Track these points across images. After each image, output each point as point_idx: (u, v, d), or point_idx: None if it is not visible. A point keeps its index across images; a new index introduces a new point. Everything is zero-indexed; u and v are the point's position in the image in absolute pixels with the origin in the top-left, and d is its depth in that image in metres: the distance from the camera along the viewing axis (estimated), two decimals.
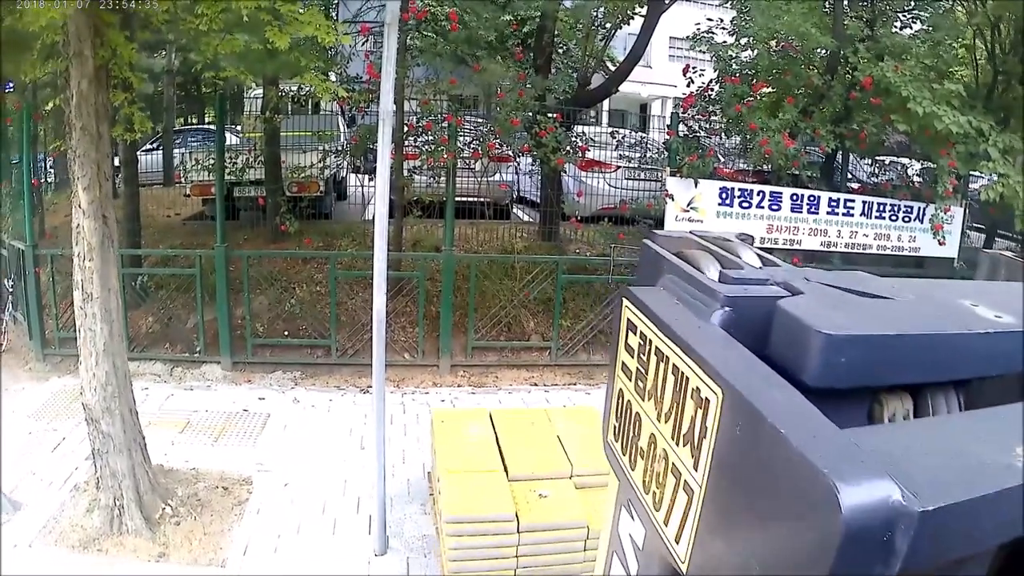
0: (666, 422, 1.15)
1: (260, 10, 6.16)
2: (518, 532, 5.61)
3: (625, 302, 1.31)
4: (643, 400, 1.23)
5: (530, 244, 13.24)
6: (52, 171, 15.00)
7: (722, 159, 12.23)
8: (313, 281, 11.81)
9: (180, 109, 20.19)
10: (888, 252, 11.92)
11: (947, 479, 0.82)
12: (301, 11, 6.45)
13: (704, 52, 14.21)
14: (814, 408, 0.93)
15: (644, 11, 14.21)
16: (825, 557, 0.77)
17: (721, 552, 1.00)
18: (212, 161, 11.80)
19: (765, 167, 12.18)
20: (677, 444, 1.12)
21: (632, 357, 1.27)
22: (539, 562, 5.71)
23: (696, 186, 11.06)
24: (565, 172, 13.01)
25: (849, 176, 13.15)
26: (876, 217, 11.79)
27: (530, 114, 11.72)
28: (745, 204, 11.29)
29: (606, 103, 22.50)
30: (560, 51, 15.16)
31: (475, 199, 12.91)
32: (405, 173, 11.77)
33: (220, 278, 10.59)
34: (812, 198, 11.57)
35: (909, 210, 11.87)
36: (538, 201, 13.88)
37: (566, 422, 6.95)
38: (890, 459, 0.83)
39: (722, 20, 14.68)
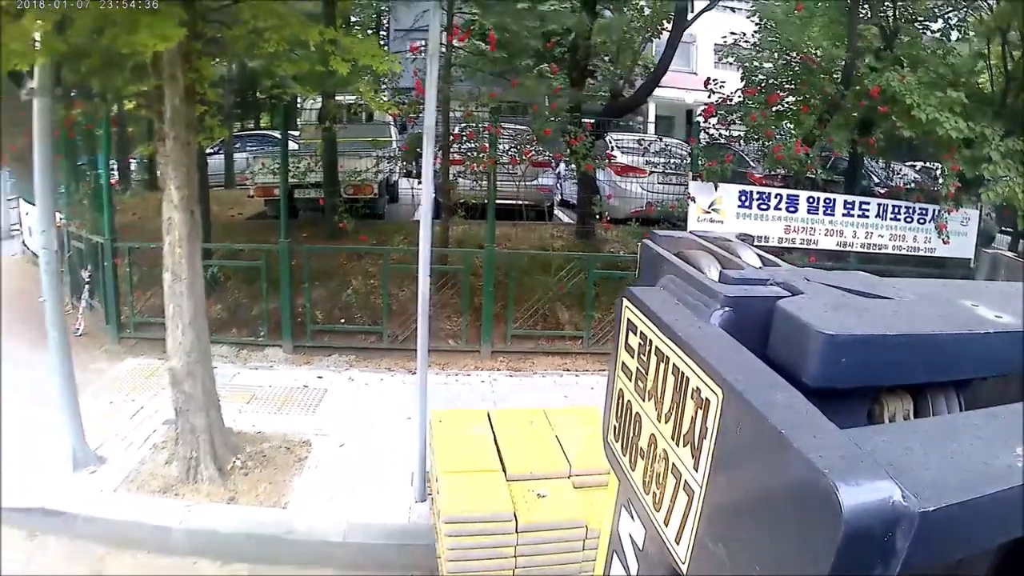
0: (666, 422, 1.08)
1: (324, 40, 6.67)
2: (516, 532, 5.27)
3: (625, 302, 1.22)
4: (643, 400, 1.15)
5: (567, 243, 13.40)
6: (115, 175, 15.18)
7: (752, 164, 12.19)
8: (367, 274, 11.94)
9: (237, 115, 20.30)
10: (903, 252, 11.73)
11: (947, 479, 0.76)
12: (359, 39, 6.87)
13: (732, 63, 14.10)
14: (814, 408, 0.86)
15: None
16: (825, 557, 0.71)
17: (721, 552, 0.93)
18: (277, 165, 11.97)
19: (789, 172, 12.00)
20: (677, 444, 1.04)
21: (632, 357, 1.19)
22: (537, 562, 5.37)
23: (716, 189, 10.99)
24: (597, 177, 13.00)
25: (876, 180, 13.00)
26: (891, 218, 11.61)
27: (564, 124, 11.78)
28: (763, 206, 11.19)
29: (652, 110, 22.36)
30: (596, 64, 15.07)
31: (517, 202, 13.00)
32: (450, 177, 12.04)
33: (283, 270, 10.72)
34: (828, 200, 11.43)
35: (924, 212, 11.67)
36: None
37: (565, 422, 6.53)
38: (890, 459, 0.77)
39: (745, 33, 14.57)
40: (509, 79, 12.69)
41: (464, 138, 11.83)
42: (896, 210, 11.64)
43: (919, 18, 13.30)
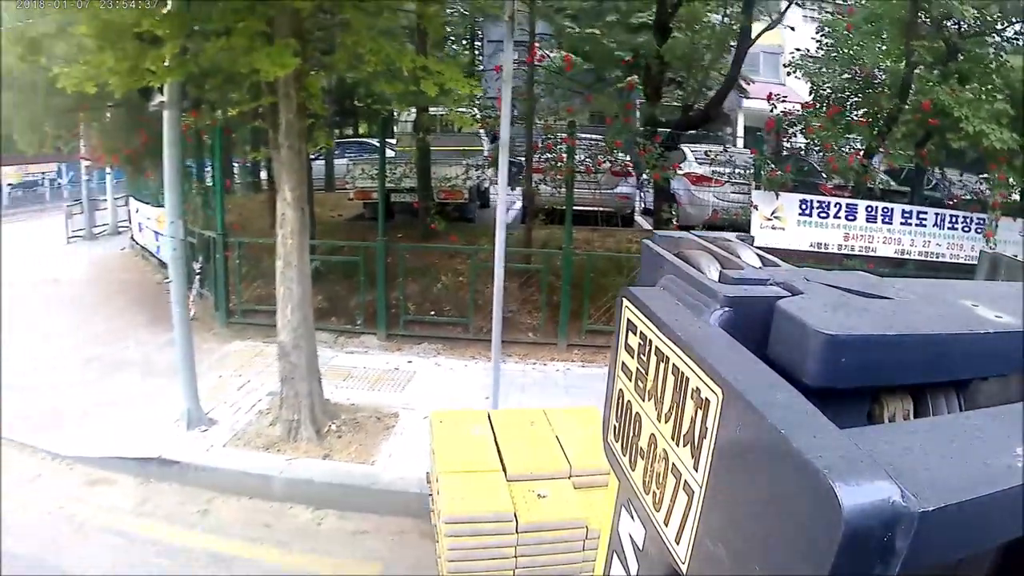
0: (666, 422, 1.00)
1: (416, 67, 7.02)
2: (517, 532, 4.93)
3: (625, 302, 1.14)
4: (643, 400, 1.07)
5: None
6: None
7: (825, 176, 11.83)
8: (456, 272, 12.03)
9: (337, 122, 20.60)
10: (962, 261, 11.28)
11: (947, 479, 0.70)
12: (446, 65, 7.27)
13: (799, 77, 13.86)
14: (814, 408, 0.80)
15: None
16: (825, 557, 0.66)
17: (721, 552, 0.86)
18: (375, 171, 12.17)
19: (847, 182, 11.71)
20: (677, 444, 0.97)
21: (632, 357, 1.11)
22: (538, 562, 5.06)
23: (778, 198, 10.79)
24: (673, 186, 12.88)
25: (944, 190, 12.62)
26: (948, 227, 11.23)
27: (634, 136, 11.88)
28: (823, 215, 10.93)
29: (741, 121, 21.99)
30: (674, 79, 14.95)
31: (597, 208, 13.06)
32: (533, 184, 12.29)
33: (379, 266, 10.92)
34: (886, 210, 11.12)
35: (982, 222, 11.22)
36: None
37: (565, 422, 6.20)
38: (890, 459, 0.71)
39: (808, 50, 14.27)
40: (585, 95, 12.73)
41: (544, 149, 11.96)
42: (954, 219, 11.26)
43: (984, 32, 12.77)
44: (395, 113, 17.02)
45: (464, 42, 19.91)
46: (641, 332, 1.07)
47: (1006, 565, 0.95)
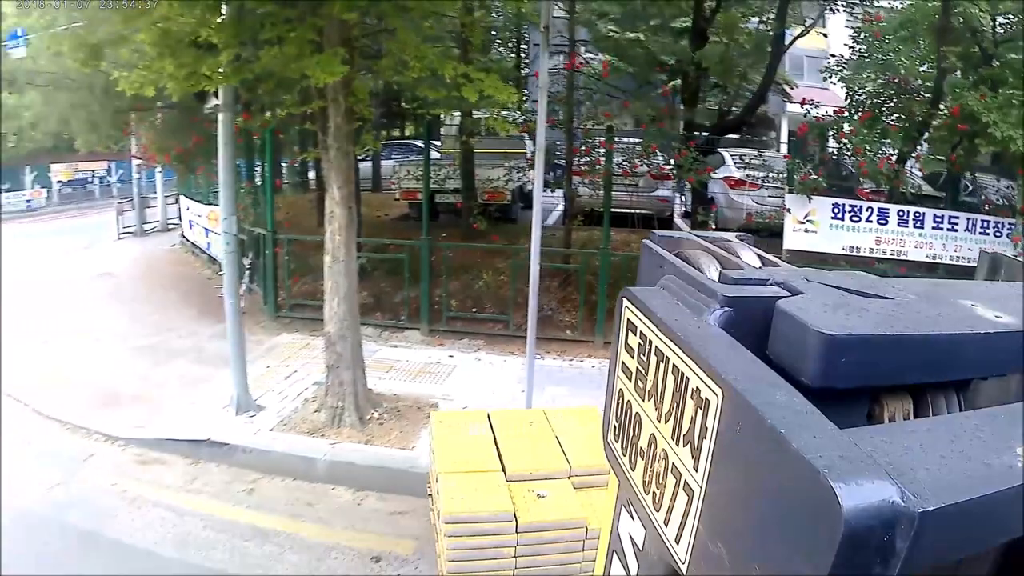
0: (666, 422, 0.97)
1: (457, 74, 7.09)
2: (516, 532, 4.80)
3: (625, 302, 1.10)
4: (643, 400, 1.04)
5: None
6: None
7: (862, 181, 11.64)
8: (497, 270, 12.02)
9: (384, 124, 20.67)
10: None
11: (947, 480, 0.68)
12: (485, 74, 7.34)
13: (835, 82, 13.66)
14: (814, 408, 0.77)
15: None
16: (825, 557, 0.64)
17: (721, 552, 0.84)
18: (420, 172, 12.30)
19: (880, 187, 11.58)
20: (677, 444, 0.94)
21: (632, 357, 1.07)
22: (538, 562, 4.88)
23: (810, 202, 10.64)
24: (712, 189, 12.77)
25: (982, 195, 12.35)
26: (980, 233, 10.95)
27: (669, 140, 11.83)
28: (855, 218, 10.76)
29: (784, 126, 21.77)
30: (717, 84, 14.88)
31: (636, 211, 12.95)
32: (573, 187, 12.22)
33: (424, 264, 10.97)
34: (918, 214, 10.90)
35: (1013, 227, 10.96)
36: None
37: (565, 422, 6.00)
38: (890, 459, 0.69)
39: (843, 56, 14.02)
40: (622, 100, 12.68)
41: (583, 153, 11.95)
42: (985, 224, 11.01)
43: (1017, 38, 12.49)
44: (441, 116, 17.09)
45: (511, 45, 19.92)
46: (641, 332, 1.04)
47: (1007, 565, 0.92)
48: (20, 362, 9.86)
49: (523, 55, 20.14)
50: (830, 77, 13.69)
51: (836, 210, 10.73)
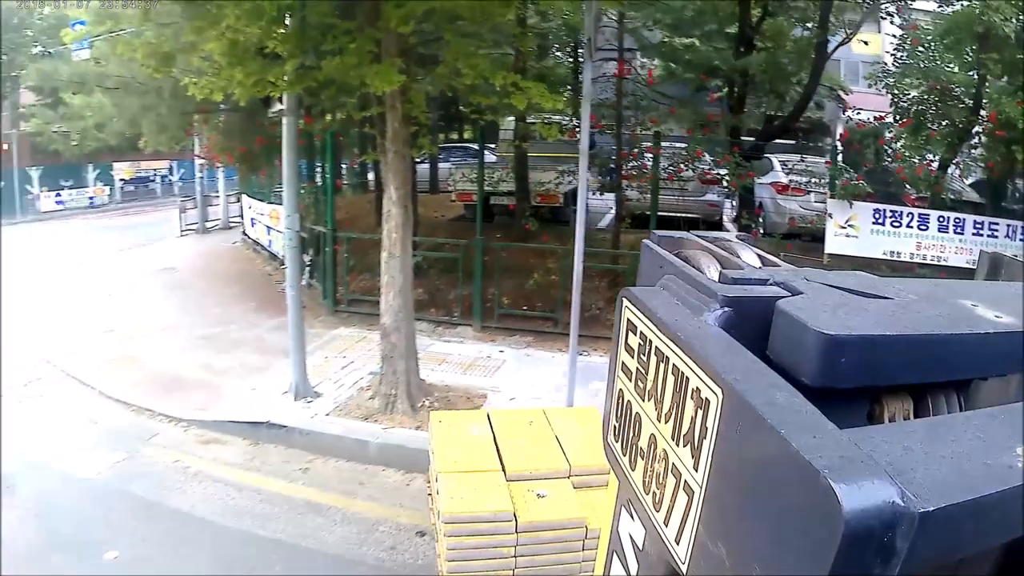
0: (666, 422, 0.94)
1: (507, 83, 7.19)
2: (516, 532, 4.61)
3: (625, 302, 1.07)
4: (643, 400, 1.01)
5: None
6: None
7: (908, 187, 11.38)
8: (548, 270, 11.90)
9: (442, 127, 20.67)
10: None
11: (948, 480, 0.66)
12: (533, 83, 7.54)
13: (880, 90, 13.32)
14: (814, 408, 0.75)
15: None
16: (825, 557, 0.62)
17: (721, 552, 0.81)
18: (475, 175, 12.33)
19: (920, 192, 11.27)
20: (677, 444, 0.91)
21: (632, 357, 1.04)
22: (537, 562, 4.68)
23: (851, 207, 10.47)
24: (760, 194, 12.61)
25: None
26: (1020, 239, 10.57)
27: (713, 146, 11.81)
28: (896, 224, 10.56)
29: (839, 131, 21.48)
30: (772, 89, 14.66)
31: (685, 214, 12.94)
32: (623, 190, 12.20)
33: (477, 263, 11.01)
34: (958, 220, 10.64)
35: None
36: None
37: (565, 422, 5.78)
38: (890, 459, 0.67)
39: (885, 63, 13.72)
40: (668, 107, 12.60)
41: (631, 157, 11.94)
42: None
43: None
44: (497, 121, 17.13)
45: (568, 50, 19.83)
46: (641, 332, 1.01)
47: (1007, 565, 0.89)
48: (87, 349, 10.17)
49: (581, 59, 20.03)
50: (874, 84, 13.41)
51: (877, 215, 10.55)
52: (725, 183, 12.29)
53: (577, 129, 11.93)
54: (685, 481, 0.88)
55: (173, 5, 7.51)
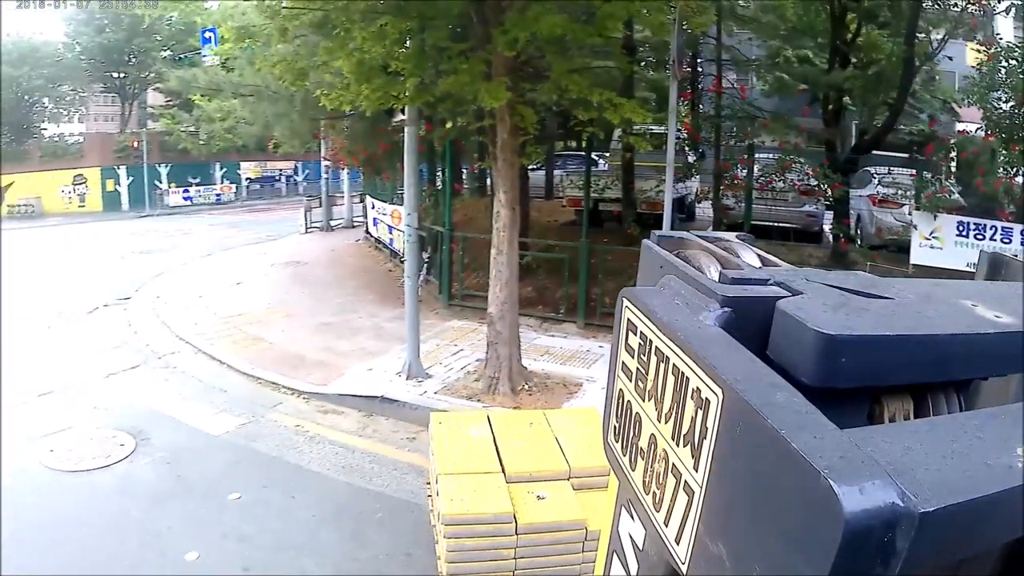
0: (666, 422, 0.88)
1: (603, 99, 7.24)
2: (516, 533, 4.39)
3: (625, 302, 1.01)
4: (643, 400, 0.95)
5: (819, 262, 12.48)
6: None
7: (1004, 202, 10.79)
8: None
9: (561, 135, 20.49)
10: None
11: (948, 480, 0.62)
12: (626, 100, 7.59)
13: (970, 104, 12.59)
14: (814, 408, 0.71)
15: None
16: (825, 558, 0.59)
17: (721, 553, 0.78)
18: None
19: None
20: (677, 444, 0.86)
21: (632, 357, 0.98)
22: (537, 563, 4.45)
23: (935, 219, 10.02)
24: (844, 205, 12.14)
25: None
26: None
27: (799, 158, 11.61)
28: (979, 236, 10.00)
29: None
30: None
31: (786, 225, 12.66)
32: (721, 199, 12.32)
33: (582, 264, 10.98)
34: None
35: None
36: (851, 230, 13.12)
37: (564, 424, 5.53)
38: (890, 460, 0.64)
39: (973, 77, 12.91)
40: (761, 120, 12.31)
41: (726, 169, 11.90)
42: None
43: None
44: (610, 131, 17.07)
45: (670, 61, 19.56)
46: (641, 332, 0.95)
47: (1008, 566, 0.84)
48: (217, 330, 10.68)
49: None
50: (964, 99, 12.66)
51: (961, 228, 10.06)
52: (827, 196, 11.87)
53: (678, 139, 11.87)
54: (685, 481, 0.84)
55: (307, 27, 7.87)
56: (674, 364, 0.86)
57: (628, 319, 0.99)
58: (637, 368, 0.96)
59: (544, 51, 7.40)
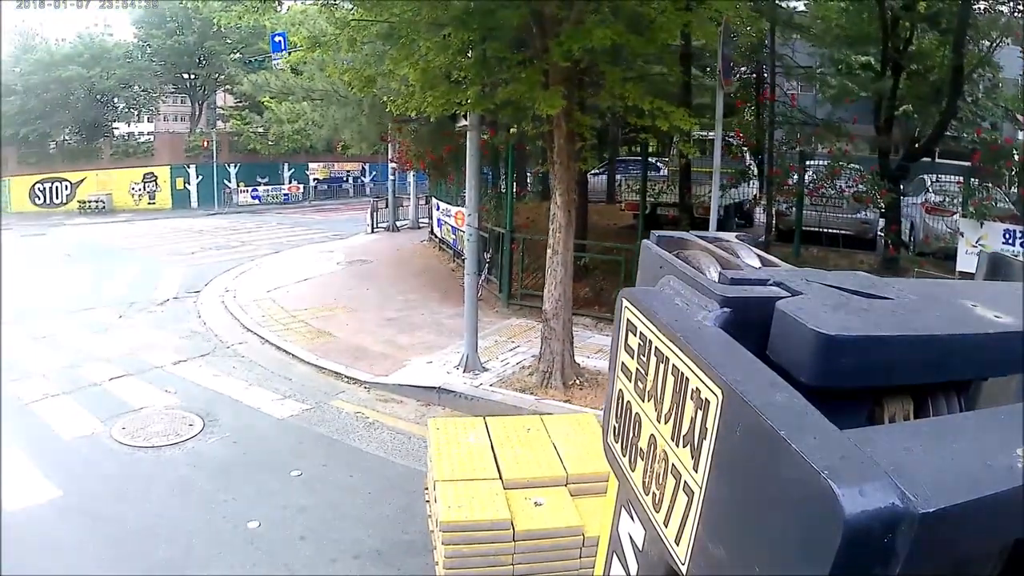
0: (666, 423, 0.85)
1: (653, 107, 7.26)
2: (513, 540, 4.24)
3: (625, 303, 0.97)
4: (643, 401, 0.91)
5: (870, 268, 12.00)
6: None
7: None
8: None
9: (625, 138, 20.16)
10: None
11: (948, 481, 0.62)
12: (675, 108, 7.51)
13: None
14: (814, 409, 0.69)
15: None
16: (825, 558, 0.58)
17: (721, 553, 0.76)
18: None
19: None
20: (677, 445, 0.83)
21: (632, 358, 0.95)
22: (535, 569, 4.29)
23: (982, 227, 9.68)
24: (895, 212, 11.80)
25: None
26: None
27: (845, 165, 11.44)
28: None
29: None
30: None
31: (838, 231, 12.39)
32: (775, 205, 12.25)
33: (637, 266, 10.65)
34: None
35: None
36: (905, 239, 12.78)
37: (562, 429, 5.35)
38: (890, 460, 0.62)
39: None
40: (814, 128, 12.15)
41: (776, 175, 11.82)
42: None
43: None
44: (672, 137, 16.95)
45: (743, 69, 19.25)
46: (641, 333, 0.92)
47: (1008, 566, 0.79)
48: (284, 322, 10.86)
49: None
50: (1012, 106, 12.15)
51: (1007, 235, 9.70)
52: (875, 202, 11.55)
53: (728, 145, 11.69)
54: (685, 482, 0.82)
55: (375, 37, 8.00)
56: (674, 364, 0.83)
57: (628, 319, 0.96)
58: (637, 368, 0.93)
59: (598, 60, 7.37)
